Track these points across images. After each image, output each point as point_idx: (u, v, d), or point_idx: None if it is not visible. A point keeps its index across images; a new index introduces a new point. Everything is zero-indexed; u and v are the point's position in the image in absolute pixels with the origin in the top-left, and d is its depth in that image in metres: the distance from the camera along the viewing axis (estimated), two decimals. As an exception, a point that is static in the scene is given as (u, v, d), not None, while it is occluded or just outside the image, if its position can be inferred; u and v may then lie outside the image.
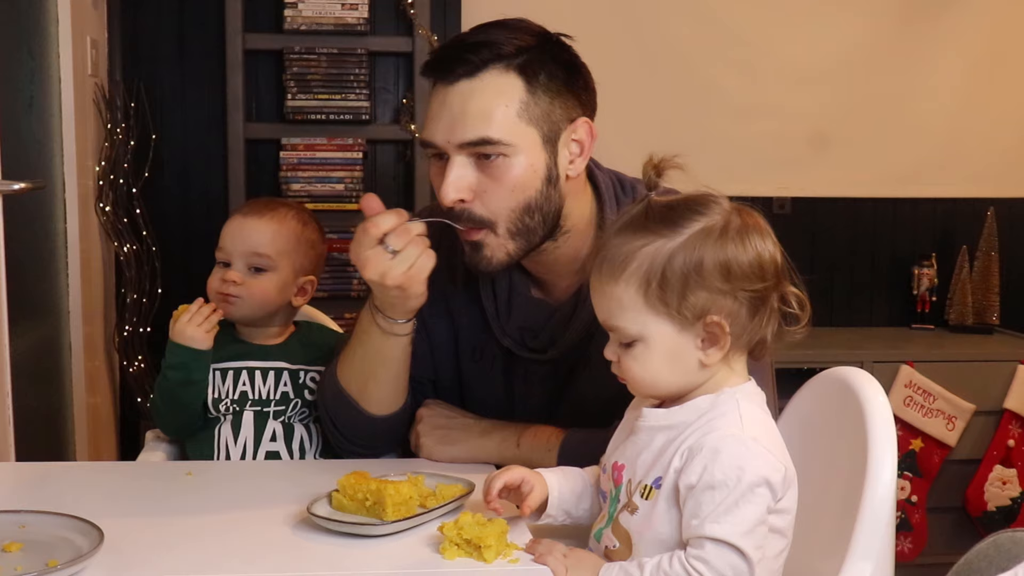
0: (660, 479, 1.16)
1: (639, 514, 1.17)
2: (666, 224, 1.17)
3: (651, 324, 1.16)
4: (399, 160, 3.36)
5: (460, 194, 1.43)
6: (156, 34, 3.24)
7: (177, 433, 1.77)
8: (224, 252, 1.76)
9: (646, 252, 1.16)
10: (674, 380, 1.19)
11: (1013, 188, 3.58)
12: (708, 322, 1.15)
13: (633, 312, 1.17)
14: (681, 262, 1.15)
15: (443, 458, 1.56)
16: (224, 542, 1.23)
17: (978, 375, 3.17)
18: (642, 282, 1.16)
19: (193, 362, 1.68)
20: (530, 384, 1.60)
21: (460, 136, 1.42)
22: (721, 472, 1.11)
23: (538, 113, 1.44)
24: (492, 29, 1.46)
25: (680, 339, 1.17)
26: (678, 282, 1.15)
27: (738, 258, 1.16)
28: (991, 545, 1.29)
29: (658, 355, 1.17)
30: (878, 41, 3.47)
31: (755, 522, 1.12)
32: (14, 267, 2.27)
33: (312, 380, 1.77)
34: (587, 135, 1.49)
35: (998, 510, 3.17)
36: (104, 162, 3.00)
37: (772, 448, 1.17)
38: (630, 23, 3.34)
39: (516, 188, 1.44)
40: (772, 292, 1.18)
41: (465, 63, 1.42)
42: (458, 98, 1.42)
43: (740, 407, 1.18)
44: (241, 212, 1.79)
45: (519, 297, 1.58)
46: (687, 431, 1.17)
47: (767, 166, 3.45)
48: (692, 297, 1.15)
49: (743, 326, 1.17)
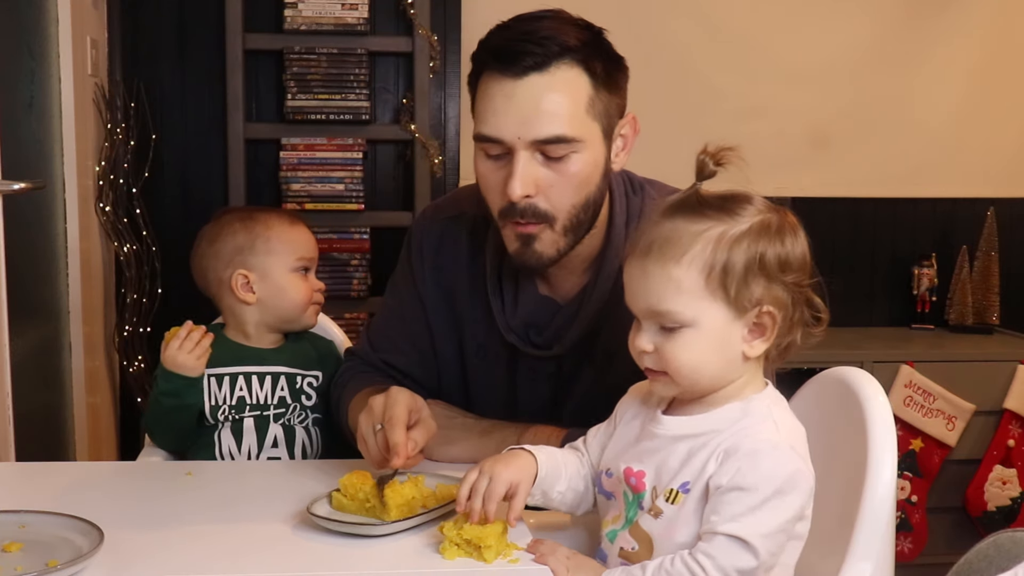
0: (688, 484, 1.15)
1: (664, 518, 1.17)
2: (726, 212, 1.17)
3: (706, 309, 1.15)
4: (399, 160, 3.36)
5: (528, 190, 1.41)
6: (156, 34, 3.24)
7: (172, 449, 1.76)
8: (312, 261, 1.82)
9: (709, 236, 1.15)
10: (716, 370, 1.18)
11: (1013, 188, 3.58)
12: (763, 312, 1.15)
13: (690, 296, 1.15)
14: (745, 249, 1.15)
15: (443, 458, 1.56)
16: (224, 542, 1.23)
17: (978, 375, 3.17)
18: (705, 265, 1.14)
19: (186, 389, 1.67)
20: (534, 381, 1.60)
21: (535, 133, 1.39)
22: (754, 475, 1.11)
23: (600, 108, 1.43)
24: (546, 21, 1.42)
25: (730, 328, 1.16)
26: (741, 269, 1.14)
27: (793, 252, 1.17)
28: (991, 545, 1.29)
29: (707, 341, 1.16)
30: (878, 41, 3.47)
31: (777, 528, 1.11)
32: (14, 267, 2.27)
33: (309, 385, 1.76)
34: (632, 130, 1.50)
35: (998, 510, 3.18)
36: (104, 162, 3.00)
37: (805, 456, 1.17)
38: (630, 23, 3.34)
39: (581, 184, 1.43)
40: (804, 290, 1.19)
41: (534, 55, 1.38)
42: (529, 93, 1.39)
43: (773, 413, 1.18)
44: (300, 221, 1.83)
45: (526, 294, 1.58)
46: (719, 437, 1.16)
47: (766, 166, 3.44)
48: (753, 285, 1.15)
49: (789, 320, 1.18)
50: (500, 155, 1.43)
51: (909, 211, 3.58)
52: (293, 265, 1.78)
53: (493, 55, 1.41)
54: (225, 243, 1.78)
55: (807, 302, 1.20)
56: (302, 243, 1.80)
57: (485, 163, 1.45)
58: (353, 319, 3.15)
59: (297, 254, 1.79)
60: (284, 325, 1.81)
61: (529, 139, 1.39)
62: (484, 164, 1.46)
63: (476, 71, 1.45)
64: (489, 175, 1.45)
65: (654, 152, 1.28)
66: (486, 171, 1.46)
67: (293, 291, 1.78)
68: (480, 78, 1.44)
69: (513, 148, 1.40)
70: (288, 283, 1.78)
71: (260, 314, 1.79)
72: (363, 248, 3.19)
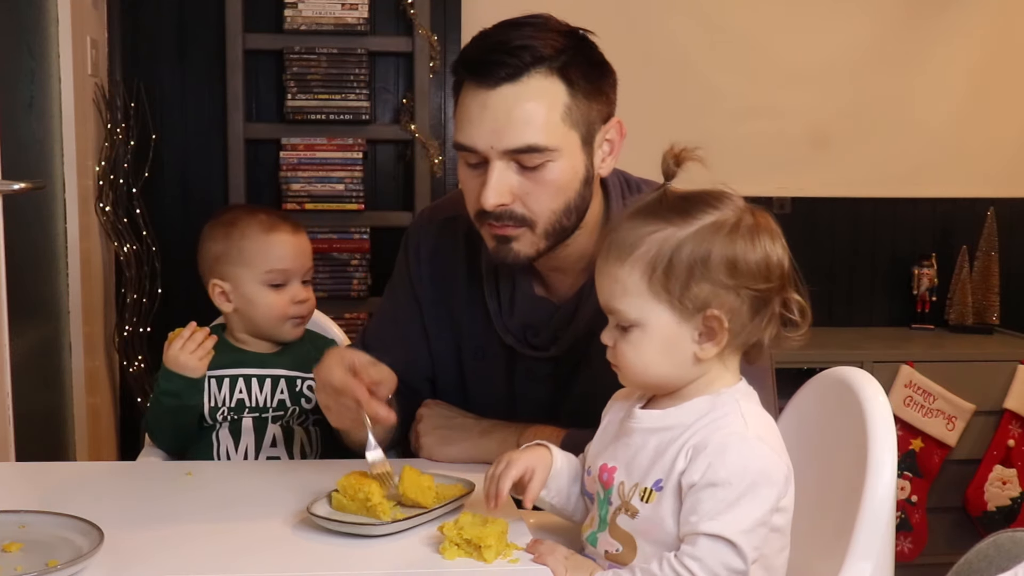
0: (661, 481, 1.16)
1: (641, 517, 1.17)
2: (679, 213, 1.17)
3: (651, 310, 1.16)
4: (399, 160, 3.36)
5: (502, 199, 1.42)
6: (156, 34, 3.24)
7: (172, 449, 1.76)
8: (285, 273, 1.73)
9: (655, 238, 1.16)
10: (665, 371, 1.19)
11: (1013, 188, 3.57)
12: (708, 315, 1.15)
13: (634, 296, 1.17)
14: (689, 252, 1.15)
15: (443, 458, 1.56)
16: (224, 542, 1.23)
17: (978, 375, 3.17)
18: (647, 267, 1.16)
19: (187, 389, 1.67)
20: (532, 382, 1.60)
21: (506, 143, 1.40)
22: (725, 470, 1.11)
23: (578, 116, 1.43)
24: (525, 28, 1.43)
25: (678, 329, 1.17)
26: (683, 271, 1.15)
27: (746, 256, 1.16)
28: (991, 545, 1.29)
29: (654, 342, 1.17)
30: (878, 41, 3.47)
31: (756, 522, 1.12)
32: (14, 267, 2.27)
33: (309, 388, 1.76)
34: (618, 134, 1.50)
35: (998, 510, 3.17)
36: (104, 162, 3.00)
37: (776, 447, 1.17)
38: (630, 23, 3.34)
39: (558, 191, 1.44)
40: (775, 295, 1.18)
41: (506, 66, 1.39)
42: (502, 103, 1.40)
43: (741, 406, 1.18)
44: (280, 229, 1.74)
45: (522, 295, 1.58)
46: (687, 432, 1.17)
47: (767, 166, 3.44)
48: (695, 288, 1.15)
49: (742, 325, 1.17)
50: (477, 164, 1.44)
51: (909, 211, 3.58)
52: (262, 278, 1.73)
53: (468, 66, 1.43)
54: (207, 249, 1.77)
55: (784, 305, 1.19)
56: (276, 254, 1.73)
57: (465, 170, 1.48)
58: (353, 319, 3.15)
59: (267, 267, 1.73)
60: (265, 336, 1.77)
61: (502, 148, 1.40)
62: (464, 171, 1.48)
63: (457, 81, 1.47)
64: (468, 181, 1.47)
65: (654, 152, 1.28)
66: (465, 178, 1.48)
67: (263, 305, 1.73)
68: (460, 88, 1.45)
69: (488, 157, 1.42)
70: (257, 296, 1.74)
71: (241, 323, 1.77)
72: (363, 248, 3.19)
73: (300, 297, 1.75)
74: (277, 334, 1.76)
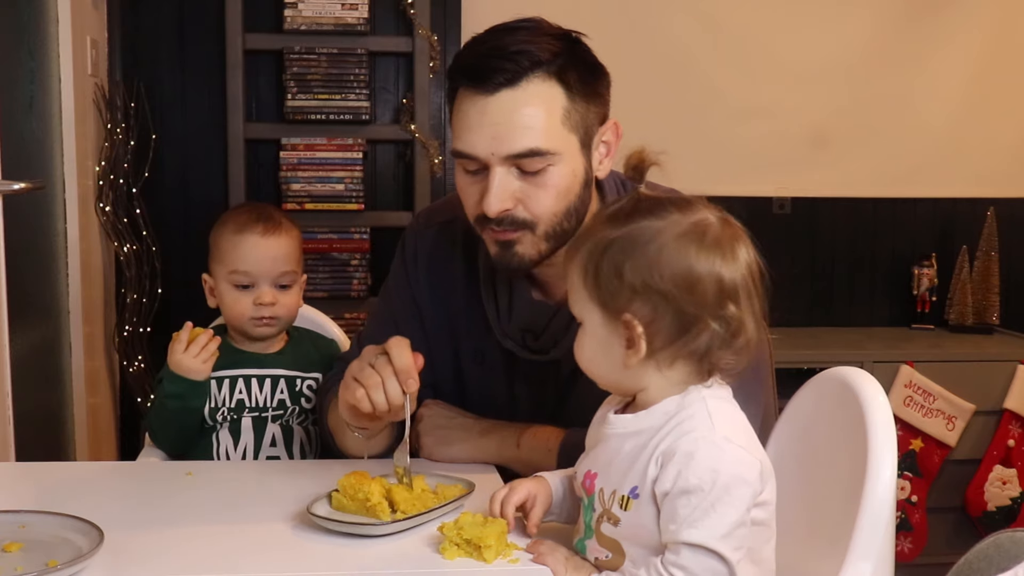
0: (636, 488, 1.15)
1: (623, 525, 1.16)
2: (623, 218, 1.18)
3: (588, 310, 1.19)
4: (399, 160, 3.36)
5: (504, 205, 1.42)
6: (156, 34, 3.24)
7: (173, 450, 1.76)
8: (249, 275, 1.72)
9: (594, 240, 1.18)
10: (604, 372, 1.20)
11: (1013, 188, 3.58)
12: (624, 320, 1.15)
13: (575, 294, 1.20)
14: (612, 255, 1.15)
15: (443, 458, 1.56)
16: (224, 542, 1.23)
17: (978, 375, 3.17)
18: (583, 267, 1.18)
19: (191, 392, 1.67)
20: (532, 385, 1.60)
21: (507, 148, 1.39)
22: (696, 476, 1.10)
23: (577, 118, 1.43)
24: (520, 33, 1.42)
25: (607, 331, 1.17)
26: (606, 274, 1.15)
27: (676, 263, 1.13)
28: (991, 545, 1.29)
29: (592, 342, 1.19)
30: (878, 41, 3.48)
31: (733, 524, 1.10)
32: (14, 267, 2.27)
33: (309, 388, 1.76)
34: (614, 136, 1.50)
35: (998, 510, 3.18)
36: (104, 162, 3.00)
37: (746, 445, 1.15)
38: (630, 23, 3.34)
39: (560, 194, 1.43)
40: (705, 312, 1.13)
41: (504, 71, 1.38)
42: (501, 108, 1.39)
43: (708, 405, 1.16)
44: (250, 231, 1.73)
45: (520, 299, 1.58)
46: (656, 436, 1.15)
47: (767, 166, 3.44)
48: (616, 292, 1.15)
49: (667, 338, 1.14)
50: (477, 170, 1.44)
51: (909, 211, 3.58)
52: (228, 278, 1.73)
53: (465, 72, 1.42)
54: (209, 243, 1.78)
55: (723, 320, 1.13)
56: (240, 255, 1.72)
57: (463, 177, 1.47)
58: (353, 319, 3.15)
59: (231, 267, 1.72)
60: (239, 333, 1.77)
61: (503, 154, 1.40)
62: (463, 178, 1.47)
63: (452, 88, 1.46)
64: (467, 188, 1.46)
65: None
66: (464, 184, 1.47)
67: (227, 304, 1.74)
68: (455, 95, 1.45)
69: (488, 164, 1.41)
70: (225, 294, 1.74)
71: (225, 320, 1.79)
72: (363, 248, 3.19)
73: (264, 300, 1.73)
74: (245, 332, 1.76)
